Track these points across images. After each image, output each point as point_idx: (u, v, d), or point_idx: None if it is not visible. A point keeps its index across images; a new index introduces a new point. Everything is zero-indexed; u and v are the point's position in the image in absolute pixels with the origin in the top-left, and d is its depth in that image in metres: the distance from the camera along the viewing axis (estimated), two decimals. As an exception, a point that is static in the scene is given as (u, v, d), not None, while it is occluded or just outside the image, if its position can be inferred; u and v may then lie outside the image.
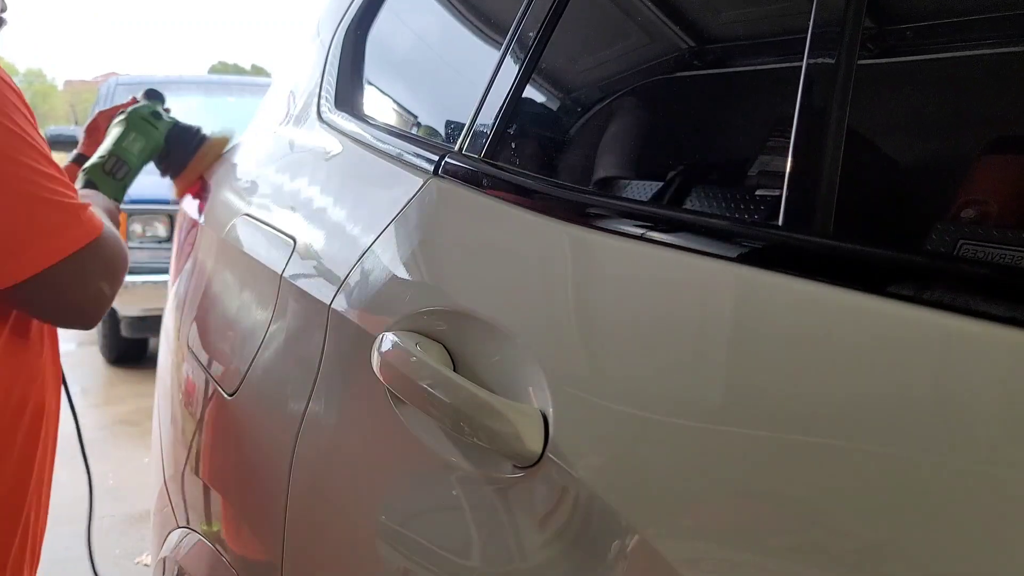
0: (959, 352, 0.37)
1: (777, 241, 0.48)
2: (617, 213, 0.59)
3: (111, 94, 5.12)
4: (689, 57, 0.66)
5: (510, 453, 0.55)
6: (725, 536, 0.43)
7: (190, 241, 1.27)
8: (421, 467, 0.65)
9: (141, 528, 2.51)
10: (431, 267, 0.73)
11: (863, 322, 0.40)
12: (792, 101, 0.48)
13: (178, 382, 1.22)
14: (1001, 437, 0.35)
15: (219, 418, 1.04)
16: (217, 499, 1.02)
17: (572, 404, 0.53)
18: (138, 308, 3.84)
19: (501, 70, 0.76)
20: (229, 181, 1.25)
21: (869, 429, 0.38)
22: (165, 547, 1.17)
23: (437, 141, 0.86)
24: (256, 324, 0.95)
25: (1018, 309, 0.36)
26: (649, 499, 0.47)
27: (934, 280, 0.40)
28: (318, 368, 0.80)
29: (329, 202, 0.94)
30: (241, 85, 5.90)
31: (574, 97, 0.76)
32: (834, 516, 0.39)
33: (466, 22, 1.00)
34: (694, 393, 0.47)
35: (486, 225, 0.70)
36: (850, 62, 0.47)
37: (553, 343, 0.57)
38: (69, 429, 1.20)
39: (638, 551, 0.47)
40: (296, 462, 0.80)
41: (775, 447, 0.42)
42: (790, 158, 0.47)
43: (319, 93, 1.13)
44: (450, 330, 0.66)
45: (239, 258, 1.06)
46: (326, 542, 0.77)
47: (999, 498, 0.34)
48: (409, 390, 0.63)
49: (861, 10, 0.47)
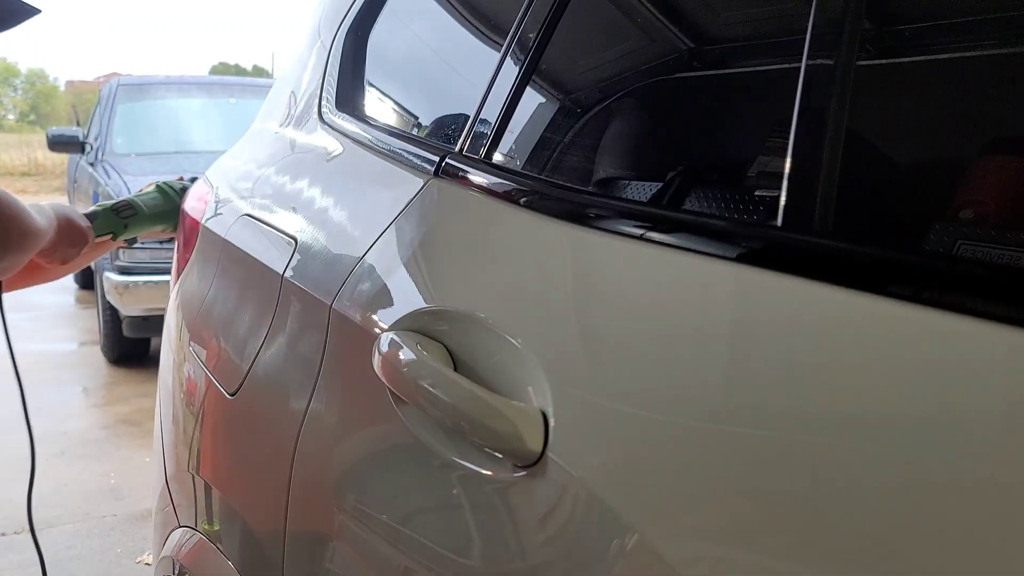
0: (958, 352, 0.37)
1: (776, 241, 0.48)
2: (617, 213, 0.59)
3: (112, 94, 5.12)
4: (689, 58, 0.67)
5: (510, 453, 0.55)
6: (725, 536, 0.43)
7: (192, 241, 1.27)
8: (421, 466, 0.65)
9: (143, 527, 2.51)
10: (432, 267, 0.73)
11: (863, 322, 0.40)
12: (791, 102, 0.48)
13: (180, 382, 1.22)
14: (1001, 437, 0.35)
15: (220, 418, 1.04)
16: (218, 498, 1.02)
17: (572, 404, 0.54)
18: (140, 308, 3.84)
19: (501, 71, 0.76)
20: (230, 181, 1.25)
21: (869, 429, 0.38)
22: (167, 546, 1.17)
23: (438, 142, 0.86)
24: (257, 324, 0.95)
25: (1017, 309, 0.36)
26: (649, 499, 0.47)
27: (933, 280, 0.40)
28: (319, 368, 0.80)
29: (330, 203, 0.94)
30: (242, 86, 5.91)
31: (574, 98, 0.76)
32: (834, 516, 0.39)
33: (466, 23, 1.01)
34: (694, 393, 0.47)
35: (486, 225, 0.70)
36: (849, 63, 0.47)
37: (553, 343, 0.57)
38: (70, 428, 1.19)
39: (638, 551, 0.47)
40: (297, 461, 0.81)
41: (775, 447, 0.42)
42: (789, 158, 0.48)
43: (320, 94, 1.14)
44: (451, 330, 0.66)
45: (241, 258, 1.06)
46: (327, 541, 0.77)
47: (999, 498, 0.34)
48: (410, 390, 0.64)
49: (860, 11, 0.48)
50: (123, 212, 1.26)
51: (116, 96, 5.10)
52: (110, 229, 1.23)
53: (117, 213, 1.25)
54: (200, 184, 1.36)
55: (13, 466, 2.77)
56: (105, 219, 1.23)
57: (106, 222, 1.23)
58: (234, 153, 1.36)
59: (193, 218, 1.28)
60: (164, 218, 1.34)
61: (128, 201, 1.29)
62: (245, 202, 1.14)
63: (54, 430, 3.22)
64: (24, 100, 45.73)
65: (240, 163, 1.28)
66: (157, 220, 1.33)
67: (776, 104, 0.54)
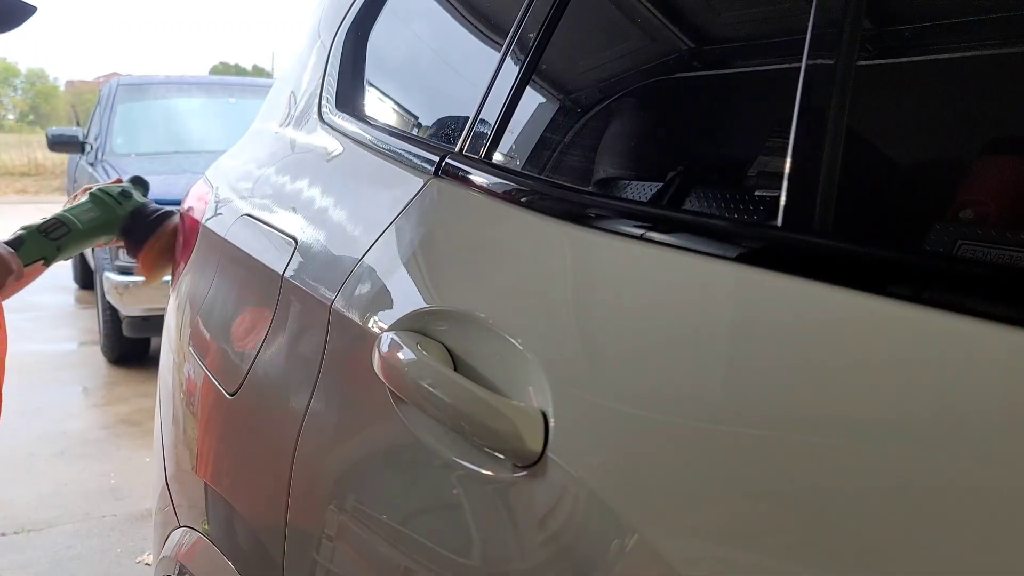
0: (958, 352, 0.37)
1: (776, 241, 0.48)
2: (617, 213, 0.59)
3: (112, 95, 5.12)
4: (689, 58, 0.67)
5: (510, 453, 0.55)
6: (725, 536, 0.43)
7: (192, 241, 1.27)
8: (421, 467, 0.65)
9: (143, 527, 2.51)
10: (432, 267, 0.73)
11: (863, 322, 0.40)
12: (791, 102, 0.48)
13: (180, 382, 1.22)
14: (1001, 437, 0.35)
15: (220, 418, 1.04)
16: (219, 498, 1.02)
17: (572, 404, 0.54)
18: (140, 308, 3.84)
19: (501, 71, 0.76)
20: (230, 181, 1.25)
21: (869, 429, 0.38)
22: (167, 546, 1.17)
23: (438, 142, 0.86)
24: (257, 324, 0.95)
25: (1018, 309, 0.36)
26: (649, 499, 0.47)
27: (933, 280, 0.40)
28: (319, 368, 0.80)
29: (330, 202, 0.94)
30: (242, 86, 5.91)
31: (574, 98, 0.76)
32: (834, 516, 0.39)
33: (466, 23, 1.01)
34: (694, 393, 0.47)
35: (487, 225, 0.70)
36: (849, 63, 0.47)
37: (553, 343, 0.57)
38: (70, 428, 1.19)
39: (638, 551, 0.47)
40: (297, 461, 0.81)
41: (775, 447, 0.42)
42: (789, 158, 0.48)
43: (320, 94, 1.14)
44: (451, 330, 0.66)
45: (241, 258, 1.06)
46: (327, 541, 0.77)
47: (999, 498, 0.34)
48: (410, 390, 0.64)
49: (860, 11, 0.48)
50: (54, 232, 1.13)
51: (116, 96, 5.10)
52: (40, 255, 1.11)
53: (46, 235, 1.12)
54: (200, 184, 1.36)
55: (13, 466, 2.78)
56: (33, 244, 1.11)
57: (34, 247, 1.11)
58: (234, 153, 1.36)
59: (193, 218, 1.28)
60: (103, 230, 1.22)
61: (58, 218, 1.16)
62: (245, 202, 1.14)
63: (54, 430, 3.22)
64: (24, 100, 45.73)
65: (240, 163, 1.28)
66: (95, 234, 1.20)
67: (776, 104, 0.54)
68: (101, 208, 1.23)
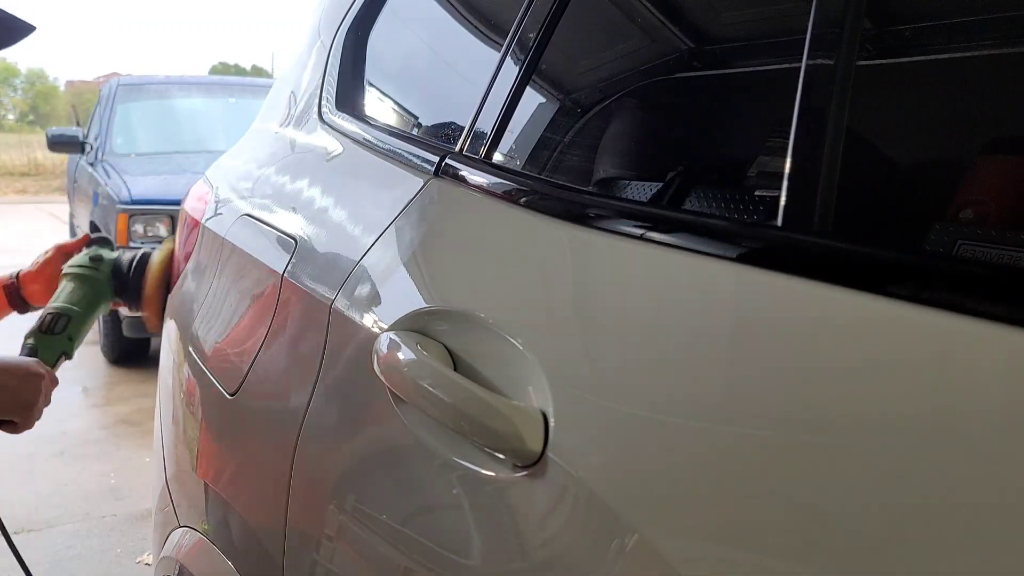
0: (958, 352, 0.37)
1: (776, 241, 0.48)
2: (617, 213, 0.59)
3: (112, 95, 5.12)
4: (689, 58, 0.67)
5: (510, 453, 0.55)
6: (725, 536, 0.43)
7: (192, 242, 1.27)
8: (421, 466, 0.65)
9: (142, 527, 2.51)
10: (432, 267, 0.73)
11: (862, 322, 0.40)
12: (791, 102, 0.48)
13: (180, 382, 1.22)
14: (1001, 437, 0.35)
15: (220, 418, 1.04)
16: (218, 498, 1.02)
17: (572, 404, 0.54)
18: (140, 308, 3.83)
19: (501, 71, 0.76)
20: (230, 181, 1.25)
21: (869, 429, 0.39)
22: (167, 546, 1.17)
23: (438, 142, 0.86)
24: (257, 324, 0.95)
25: (1018, 309, 0.36)
26: (649, 499, 0.47)
27: (933, 280, 0.40)
28: (319, 368, 0.80)
29: (330, 202, 0.94)
30: (242, 86, 5.91)
31: (574, 98, 0.76)
32: (834, 516, 0.39)
33: (466, 23, 1.01)
34: (694, 393, 0.47)
35: (486, 225, 0.70)
36: (849, 63, 0.47)
37: (553, 343, 0.57)
38: (70, 428, 1.19)
39: (638, 551, 0.47)
40: (297, 461, 0.81)
41: (775, 447, 0.42)
42: (789, 158, 0.48)
43: (320, 94, 1.14)
44: (451, 330, 0.66)
45: (240, 258, 1.06)
46: (327, 541, 0.77)
47: (999, 498, 0.34)
48: (410, 390, 0.64)
49: (860, 11, 0.48)
50: (57, 327, 1.13)
51: (116, 96, 5.10)
52: (59, 351, 1.12)
53: (52, 332, 1.12)
54: (200, 184, 1.36)
55: (13, 466, 2.78)
56: (46, 347, 1.11)
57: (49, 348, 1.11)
58: (234, 153, 1.36)
59: (193, 218, 1.28)
60: (98, 301, 1.21)
61: (52, 313, 1.15)
62: (245, 202, 1.14)
63: (54, 430, 3.21)
64: (24, 100, 45.73)
65: (240, 163, 1.28)
66: (92, 309, 1.20)
67: (776, 104, 0.54)
68: (83, 283, 1.22)
